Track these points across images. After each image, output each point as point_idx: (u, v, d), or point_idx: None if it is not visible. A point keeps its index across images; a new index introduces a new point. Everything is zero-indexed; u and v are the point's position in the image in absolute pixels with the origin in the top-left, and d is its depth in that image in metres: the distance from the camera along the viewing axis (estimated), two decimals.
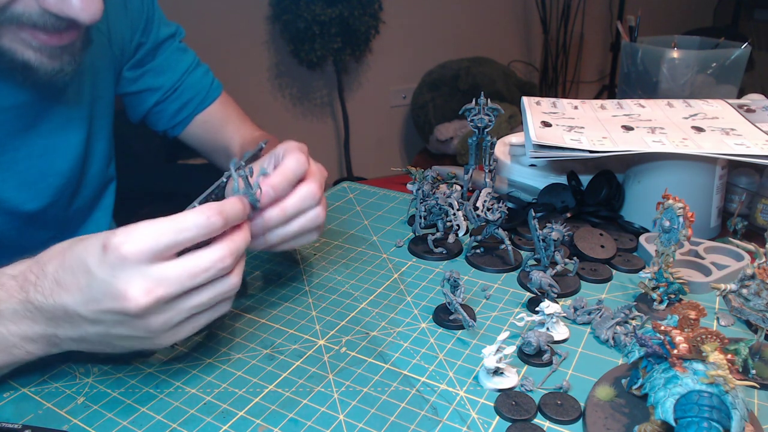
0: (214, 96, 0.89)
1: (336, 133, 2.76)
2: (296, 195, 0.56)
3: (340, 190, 0.94)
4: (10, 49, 0.55)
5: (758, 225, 0.79)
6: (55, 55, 0.57)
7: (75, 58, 0.59)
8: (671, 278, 0.60)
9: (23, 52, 0.56)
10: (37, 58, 0.56)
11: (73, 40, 0.58)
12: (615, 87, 2.92)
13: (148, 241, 0.43)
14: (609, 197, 0.79)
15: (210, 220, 0.46)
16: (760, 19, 3.19)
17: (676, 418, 0.41)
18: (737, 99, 0.88)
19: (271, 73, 2.52)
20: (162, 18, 0.84)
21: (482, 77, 2.52)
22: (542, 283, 0.60)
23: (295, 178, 0.56)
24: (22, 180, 0.68)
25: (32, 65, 0.57)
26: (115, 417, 0.49)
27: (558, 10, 3.03)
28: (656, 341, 0.44)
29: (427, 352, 0.56)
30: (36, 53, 0.56)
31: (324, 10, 2.24)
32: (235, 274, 0.49)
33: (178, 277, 0.45)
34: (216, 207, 0.47)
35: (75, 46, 0.59)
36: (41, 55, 0.56)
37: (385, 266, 0.71)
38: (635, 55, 1.12)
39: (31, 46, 0.56)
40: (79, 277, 0.44)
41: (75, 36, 0.58)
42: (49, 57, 0.57)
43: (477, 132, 0.74)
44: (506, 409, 0.48)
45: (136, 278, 0.43)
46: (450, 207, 0.72)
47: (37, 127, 0.68)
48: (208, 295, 0.48)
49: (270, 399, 0.51)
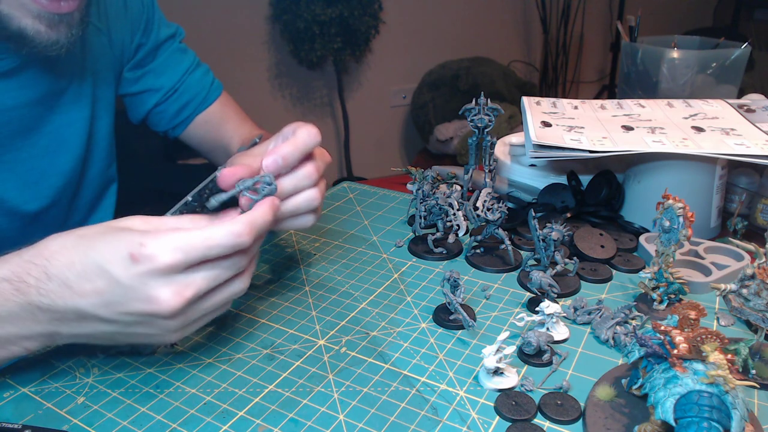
0: (215, 96, 0.89)
1: (336, 133, 2.76)
2: (293, 173, 0.55)
3: (340, 190, 0.94)
4: (8, 14, 0.55)
5: (758, 225, 0.79)
6: (53, 23, 0.57)
7: (71, 31, 0.59)
8: (671, 278, 0.60)
9: (21, 20, 0.55)
10: (33, 26, 0.56)
11: (72, 10, 0.58)
12: (615, 87, 2.92)
13: (180, 256, 0.44)
14: (609, 197, 0.79)
15: (239, 240, 0.46)
16: (760, 19, 3.19)
17: (676, 418, 0.41)
18: (737, 99, 0.88)
19: (271, 73, 2.52)
20: (162, 19, 0.84)
21: (482, 77, 2.52)
22: (542, 283, 0.60)
23: (306, 150, 0.55)
24: (23, 180, 0.68)
25: (28, 33, 0.56)
26: (115, 417, 0.49)
27: (558, 10, 3.03)
28: (656, 341, 0.44)
29: (427, 352, 0.56)
30: (34, 20, 0.56)
31: (324, 10, 2.24)
32: (246, 276, 0.50)
33: (205, 276, 0.46)
34: (247, 222, 0.46)
35: (73, 17, 0.59)
36: (39, 23, 0.56)
37: (385, 266, 0.71)
38: (635, 55, 1.12)
39: (30, 12, 0.55)
40: (97, 283, 0.44)
41: (74, 6, 0.58)
42: (47, 25, 0.57)
43: (477, 132, 0.74)
44: (506, 409, 0.48)
45: (167, 283, 0.44)
46: (450, 207, 0.72)
47: (38, 127, 0.68)
48: (224, 296, 0.49)
49: (270, 399, 0.51)
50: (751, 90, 0.94)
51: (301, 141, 0.54)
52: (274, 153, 0.53)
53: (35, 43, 0.57)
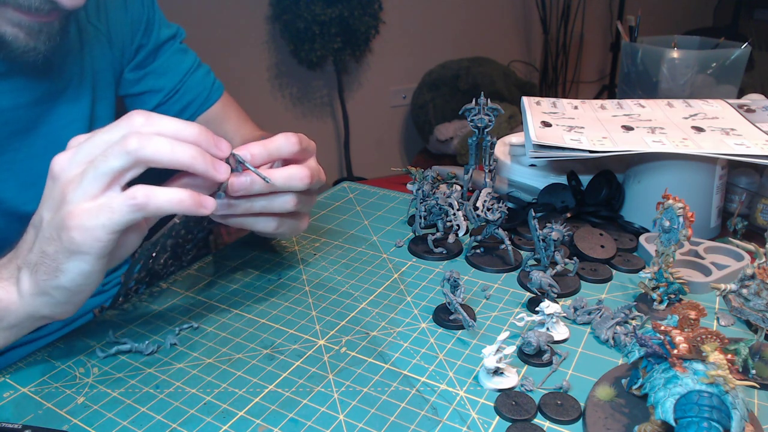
0: (216, 97, 0.89)
1: (336, 133, 2.76)
2: (285, 169, 0.55)
3: (340, 190, 0.94)
4: None
5: (758, 225, 0.79)
6: (33, 32, 0.57)
7: (51, 39, 0.59)
8: (671, 278, 0.60)
9: (0, 26, 0.56)
10: (13, 33, 0.57)
11: (53, 19, 0.58)
12: (615, 87, 2.92)
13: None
14: (609, 197, 0.79)
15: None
16: (760, 19, 3.19)
17: (676, 418, 0.41)
18: (737, 99, 0.88)
19: (271, 73, 2.52)
20: (162, 19, 0.84)
21: (482, 77, 2.52)
22: (542, 283, 0.60)
23: (276, 152, 0.54)
24: (22, 181, 0.68)
25: (6, 39, 0.57)
26: (115, 417, 0.49)
27: (558, 10, 3.03)
28: (656, 341, 0.44)
29: (427, 352, 0.56)
30: (14, 28, 0.56)
31: (324, 10, 2.24)
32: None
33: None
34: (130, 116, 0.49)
35: (53, 26, 0.59)
36: (19, 31, 0.57)
37: (385, 266, 0.71)
38: (635, 55, 1.12)
39: (11, 21, 0.56)
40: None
41: (55, 17, 0.58)
42: (27, 33, 0.57)
43: (477, 132, 0.74)
44: (506, 409, 0.48)
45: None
46: (450, 207, 0.72)
47: (37, 128, 0.68)
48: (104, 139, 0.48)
49: (270, 399, 0.51)
50: (751, 90, 0.94)
51: (273, 145, 0.54)
52: (244, 148, 0.53)
53: (12, 48, 0.58)
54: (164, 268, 0.69)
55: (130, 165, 0.46)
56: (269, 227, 0.58)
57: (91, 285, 0.50)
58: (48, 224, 0.48)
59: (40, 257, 0.48)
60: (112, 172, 0.46)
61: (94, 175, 0.46)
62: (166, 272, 0.70)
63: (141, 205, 0.46)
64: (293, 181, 0.55)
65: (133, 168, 0.47)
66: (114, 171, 0.46)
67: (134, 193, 0.46)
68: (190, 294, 0.67)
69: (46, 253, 0.48)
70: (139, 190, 0.46)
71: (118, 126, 0.48)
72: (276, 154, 0.55)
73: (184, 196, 0.47)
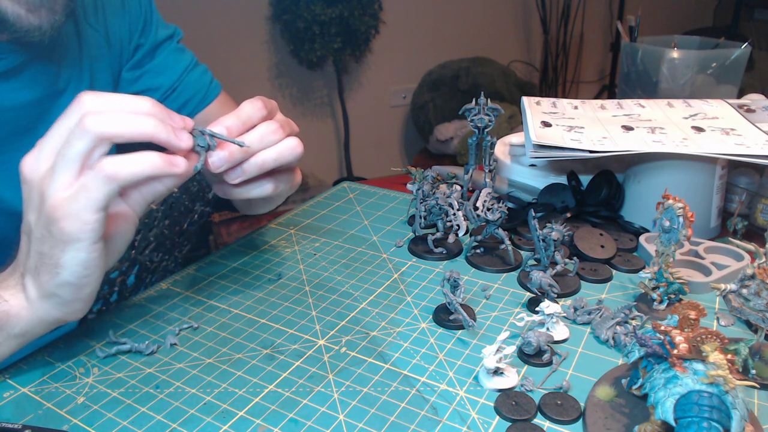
0: (214, 95, 0.89)
1: (336, 133, 2.76)
2: (255, 129, 0.55)
3: (340, 190, 0.94)
4: None
5: (758, 225, 0.79)
6: (33, 7, 0.55)
7: (55, 16, 0.57)
8: (671, 278, 0.60)
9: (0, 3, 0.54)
10: (14, 11, 0.55)
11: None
12: (615, 87, 2.92)
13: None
14: (609, 197, 0.79)
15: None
16: (760, 19, 3.19)
17: (676, 418, 0.41)
18: (737, 99, 0.88)
19: (271, 73, 2.52)
20: (160, 20, 0.84)
21: (482, 77, 2.52)
22: (542, 283, 0.60)
23: (248, 119, 0.55)
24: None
25: (8, 18, 0.55)
26: (115, 417, 0.49)
27: (558, 10, 3.03)
28: (656, 341, 0.44)
29: (427, 352, 0.56)
30: (14, 4, 0.55)
31: (324, 10, 2.24)
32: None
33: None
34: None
35: (55, 1, 0.57)
36: (19, 7, 0.55)
37: (385, 266, 0.71)
38: (635, 55, 1.12)
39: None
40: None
41: None
42: (27, 9, 0.55)
43: (477, 132, 0.74)
44: (506, 409, 0.48)
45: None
46: (450, 207, 0.72)
47: (36, 127, 0.68)
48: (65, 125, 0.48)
49: (270, 399, 0.51)
50: (751, 90, 0.94)
51: (244, 113, 0.55)
52: (218, 123, 0.54)
53: (16, 27, 0.56)
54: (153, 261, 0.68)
55: (94, 143, 0.47)
56: (268, 189, 0.59)
57: (93, 276, 0.50)
58: (36, 225, 0.48)
59: (39, 259, 0.48)
60: (79, 155, 0.46)
61: (63, 164, 0.47)
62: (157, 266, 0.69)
63: (112, 175, 0.46)
64: (267, 136, 0.56)
65: (98, 147, 0.47)
66: (80, 154, 0.46)
67: (102, 166, 0.46)
68: (190, 294, 0.67)
69: (43, 253, 0.48)
70: (107, 162, 0.46)
71: (70, 112, 0.48)
72: (248, 121, 0.55)
73: (154, 157, 0.48)
